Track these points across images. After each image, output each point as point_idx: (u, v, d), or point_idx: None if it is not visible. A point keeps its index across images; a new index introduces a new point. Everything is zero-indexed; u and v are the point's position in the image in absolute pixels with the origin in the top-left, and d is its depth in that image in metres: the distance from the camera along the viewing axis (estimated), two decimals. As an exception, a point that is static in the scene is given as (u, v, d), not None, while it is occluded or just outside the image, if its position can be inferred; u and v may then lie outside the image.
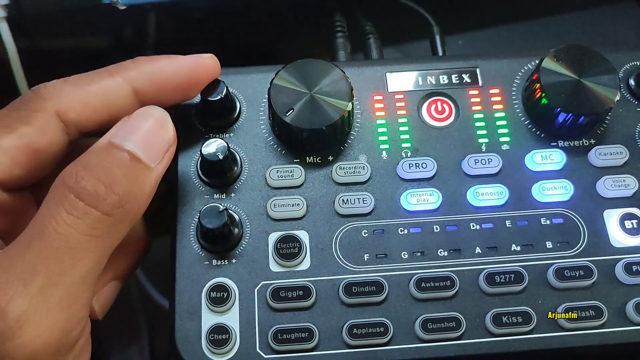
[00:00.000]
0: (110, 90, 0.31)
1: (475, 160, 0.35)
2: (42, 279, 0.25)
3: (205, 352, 0.31)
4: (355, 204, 0.34)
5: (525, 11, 0.47)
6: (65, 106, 0.30)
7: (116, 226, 0.28)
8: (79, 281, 0.27)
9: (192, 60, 0.33)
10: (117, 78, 0.31)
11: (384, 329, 0.32)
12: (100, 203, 0.27)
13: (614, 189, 0.35)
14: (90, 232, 0.27)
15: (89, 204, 0.26)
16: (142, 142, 0.29)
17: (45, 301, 0.25)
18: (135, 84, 0.31)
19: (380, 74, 0.38)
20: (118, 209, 0.27)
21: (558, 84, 0.35)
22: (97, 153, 0.28)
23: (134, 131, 0.29)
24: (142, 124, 0.29)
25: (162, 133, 0.30)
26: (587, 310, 0.32)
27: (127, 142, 0.28)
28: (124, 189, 0.27)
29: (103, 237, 0.27)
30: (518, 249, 0.34)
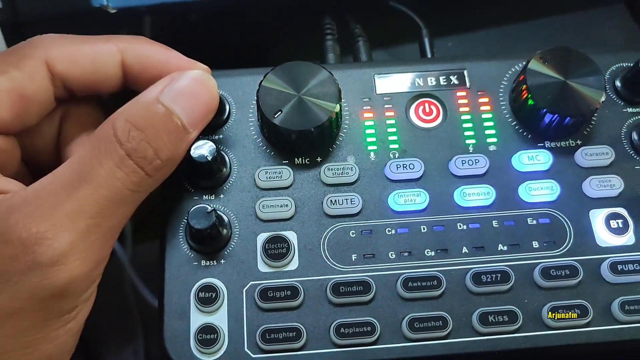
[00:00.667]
0: (101, 54, 0.32)
1: (463, 161, 0.36)
2: (88, 219, 0.28)
3: (194, 351, 0.32)
4: (343, 204, 0.35)
5: (515, 14, 0.48)
6: (55, 57, 0.31)
7: (152, 185, 0.30)
8: (115, 226, 0.29)
9: (186, 61, 0.33)
10: (111, 45, 0.32)
11: (371, 328, 0.32)
12: (147, 165, 0.29)
13: (600, 189, 0.35)
14: (133, 187, 0.29)
15: (137, 164, 0.29)
16: (188, 107, 0.30)
17: (87, 238, 0.28)
18: (126, 57, 0.32)
19: (369, 77, 0.38)
20: (159, 172, 0.30)
21: (544, 85, 0.35)
22: (147, 109, 0.30)
23: (181, 92, 0.31)
24: (189, 85, 0.31)
25: (205, 98, 0.32)
26: (573, 309, 0.33)
27: (175, 105, 0.30)
28: (167, 154, 0.30)
29: (140, 193, 0.30)
30: (505, 249, 0.34)
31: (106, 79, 0.32)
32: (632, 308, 0.33)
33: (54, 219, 0.27)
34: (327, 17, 0.43)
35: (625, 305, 0.33)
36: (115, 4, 0.39)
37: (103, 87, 0.33)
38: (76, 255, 0.27)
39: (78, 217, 0.27)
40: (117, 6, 0.39)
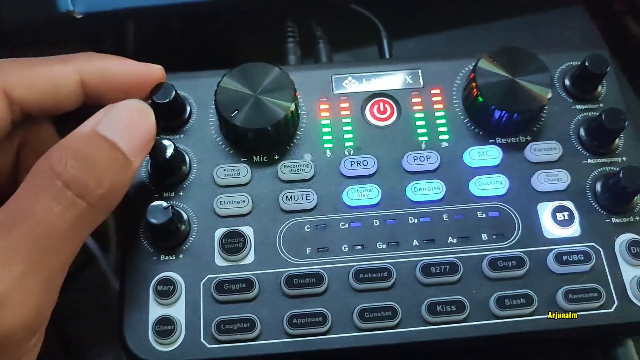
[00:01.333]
0: (59, 76, 0.31)
1: (415, 157, 0.37)
2: (24, 264, 0.26)
3: (151, 342, 0.33)
4: (298, 200, 0.36)
5: (476, 16, 0.49)
6: (12, 84, 0.30)
7: (97, 217, 0.29)
8: (58, 268, 0.27)
9: (141, 66, 0.34)
10: (67, 66, 0.32)
11: (323, 318, 0.33)
12: (89, 195, 0.27)
13: (548, 183, 0.36)
14: (75, 222, 0.27)
15: (78, 195, 0.27)
16: (125, 135, 0.29)
17: (25, 284, 0.26)
18: (84, 75, 0.32)
19: (326, 77, 0.39)
20: (103, 201, 0.28)
21: (493, 83, 0.36)
22: (83, 141, 0.28)
23: (118, 122, 0.30)
24: (126, 115, 0.30)
25: (144, 126, 0.31)
26: (519, 299, 0.34)
27: (111, 132, 0.29)
28: (110, 182, 0.28)
29: (85, 227, 0.28)
30: (454, 242, 0.35)
31: (66, 99, 0.32)
32: (575, 297, 0.34)
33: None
34: (289, 20, 0.44)
35: (569, 294, 0.34)
36: (82, 9, 0.40)
37: (62, 107, 0.33)
38: (13, 304, 0.25)
39: (12, 261, 0.25)
40: (83, 12, 0.40)
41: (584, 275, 0.35)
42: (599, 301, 0.34)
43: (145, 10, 0.41)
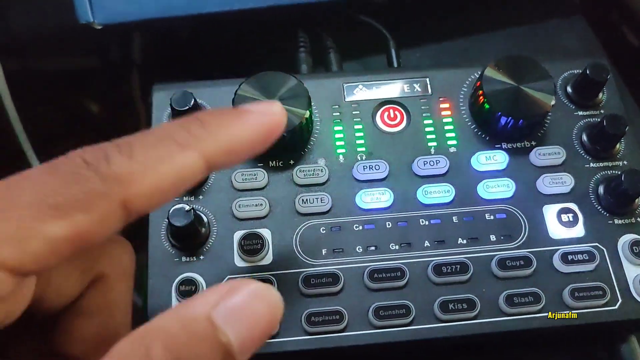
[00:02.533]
0: (184, 169, 0.24)
1: (425, 161, 0.38)
2: None
3: (174, 341, 0.34)
4: (314, 203, 0.37)
5: (479, 26, 0.51)
6: (135, 194, 0.23)
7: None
8: None
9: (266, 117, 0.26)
10: (191, 153, 0.24)
11: (340, 316, 0.35)
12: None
13: (552, 186, 0.38)
14: None
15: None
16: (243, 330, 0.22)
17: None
18: (209, 157, 0.24)
19: (338, 85, 0.41)
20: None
21: (499, 91, 0.38)
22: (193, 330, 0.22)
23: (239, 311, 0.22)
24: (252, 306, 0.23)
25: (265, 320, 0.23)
26: (527, 297, 0.35)
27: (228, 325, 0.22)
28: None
29: None
30: (464, 242, 0.37)
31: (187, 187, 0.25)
32: (581, 295, 0.35)
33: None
34: (300, 31, 0.46)
35: (575, 292, 0.35)
36: (101, 20, 0.42)
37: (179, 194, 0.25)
38: None
39: None
40: (102, 22, 0.42)
41: (588, 274, 0.36)
42: (603, 299, 0.35)
43: (164, 21, 0.43)
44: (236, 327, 0.22)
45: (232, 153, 0.26)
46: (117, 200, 0.22)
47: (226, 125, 0.25)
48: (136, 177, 0.23)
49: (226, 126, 0.25)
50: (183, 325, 0.22)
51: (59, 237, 0.21)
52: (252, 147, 0.26)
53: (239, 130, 0.26)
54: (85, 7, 0.41)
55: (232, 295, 0.23)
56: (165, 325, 0.22)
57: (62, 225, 0.21)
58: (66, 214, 0.21)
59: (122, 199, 0.22)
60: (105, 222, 0.22)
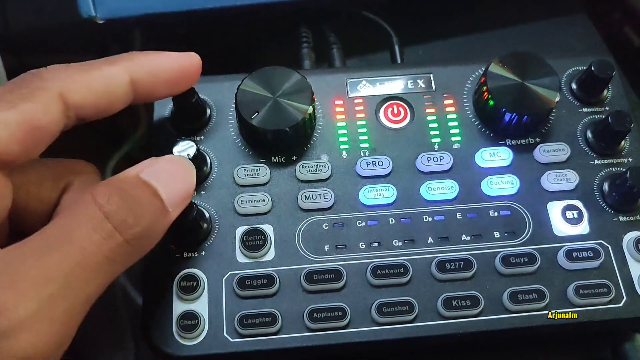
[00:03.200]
0: (111, 77, 0.32)
1: (428, 158, 0.38)
2: (55, 288, 0.26)
3: (175, 336, 0.34)
4: (316, 199, 0.37)
5: (482, 23, 0.50)
6: (69, 88, 0.30)
7: (130, 257, 0.29)
8: (85, 299, 0.27)
9: (181, 56, 0.35)
10: (117, 67, 0.32)
11: (343, 313, 0.34)
12: (126, 231, 0.28)
13: (557, 183, 0.38)
14: (110, 254, 0.27)
15: (116, 228, 0.27)
16: (167, 187, 0.30)
17: (52, 310, 0.25)
18: (134, 74, 0.32)
19: (341, 81, 0.41)
20: (138, 241, 0.28)
21: (503, 87, 0.38)
22: (127, 182, 0.29)
23: (161, 173, 0.30)
24: (170, 167, 0.31)
25: (185, 181, 0.32)
26: (531, 294, 0.35)
27: (155, 181, 0.30)
28: (147, 223, 0.29)
29: (117, 264, 0.28)
30: (468, 239, 0.37)
31: (118, 100, 0.32)
32: (586, 292, 0.35)
33: (17, 288, 0.25)
34: (303, 27, 0.46)
35: (580, 289, 0.35)
36: (103, 15, 0.42)
37: (114, 108, 0.33)
38: (34, 331, 0.25)
39: (44, 284, 0.25)
40: (104, 17, 0.42)
41: (593, 271, 0.36)
42: (608, 296, 0.35)
43: (166, 16, 0.42)
44: (161, 181, 0.30)
45: (153, 75, 0.33)
46: (55, 92, 0.29)
47: (148, 53, 0.34)
48: (71, 75, 0.30)
49: (148, 54, 0.33)
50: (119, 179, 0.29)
51: (11, 121, 0.28)
52: (170, 75, 0.34)
53: (158, 57, 0.34)
54: (87, 1, 0.41)
55: (153, 163, 0.31)
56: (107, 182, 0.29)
57: (12, 112, 0.28)
58: (15, 105, 0.28)
59: (59, 92, 0.30)
60: (47, 109, 0.29)
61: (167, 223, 0.30)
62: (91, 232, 0.27)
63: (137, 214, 0.28)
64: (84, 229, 0.27)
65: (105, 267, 0.27)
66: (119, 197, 0.28)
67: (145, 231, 0.29)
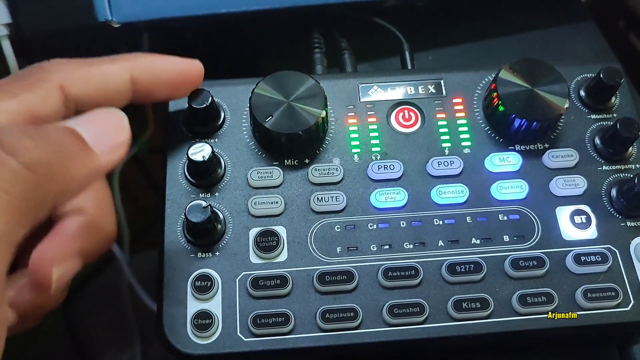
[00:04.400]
0: (111, 73, 0.33)
1: (439, 162, 0.39)
2: None
3: (190, 335, 0.34)
4: (329, 201, 0.38)
5: (491, 30, 0.51)
6: (69, 80, 0.32)
7: (35, 191, 0.24)
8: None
9: (184, 62, 0.36)
10: (118, 65, 0.34)
11: (354, 314, 0.35)
12: (22, 153, 0.24)
13: (565, 188, 0.38)
14: (4, 186, 0.23)
15: (7, 152, 0.24)
16: (91, 129, 0.28)
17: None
18: (134, 73, 0.34)
19: (353, 86, 0.41)
20: (42, 168, 0.24)
21: (513, 93, 0.38)
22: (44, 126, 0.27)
23: (87, 119, 0.29)
24: (95, 116, 0.29)
25: (114, 129, 0.29)
26: (540, 297, 0.35)
27: (76, 125, 0.28)
28: (55, 152, 0.25)
29: (19, 196, 0.24)
30: (478, 242, 0.37)
31: (116, 96, 0.34)
32: (594, 295, 0.35)
33: None
34: (315, 32, 0.46)
35: (587, 293, 0.35)
36: (119, 19, 0.42)
37: (113, 103, 0.33)
38: None
39: None
40: (120, 21, 0.42)
41: (601, 275, 0.36)
42: (616, 300, 0.35)
43: (180, 20, 0.43)
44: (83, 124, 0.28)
45: (153, 76, 0.34)
46: (56, 83, 0.31)
47: (150, 55, 0.35)
48: (71, 68, 0.32)
49: (150, 56, 0.35)
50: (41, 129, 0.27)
51: (13, 110, 0.29)
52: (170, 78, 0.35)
53: (159, 60, 0.35)
54: (104, 5, 0.42)
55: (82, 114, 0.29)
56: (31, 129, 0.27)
57: (14, 101, 0.29)
58: (17, 95, 0.30)
59: (59, 83, 0.31)
60: (47, 100, 0.31)
61: (92, 165, 0.27)
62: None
63: (39, 139, 0.25)
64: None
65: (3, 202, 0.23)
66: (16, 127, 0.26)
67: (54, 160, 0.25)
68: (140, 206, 0.75)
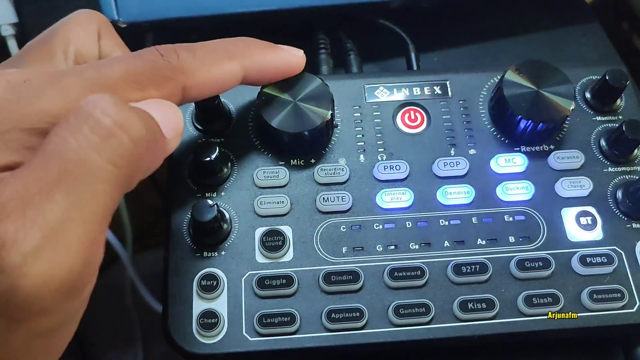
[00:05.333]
0: (228, 73, 0.32)
1: (445, 163, 0.39)
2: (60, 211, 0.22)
3: (195, 335, 0.34)
4: (334, 201, 0.38)
5: (496, 32, 0.51)
6: (192, 84, 0.30)
7: (137, 164, 0.25)
8: (99, 218, 0.24)
9: (290, 57, 0.36)
10: (235, 63, 0.32)
11: (360, 314, 0.35)
12: (130, 128, 0.24)
13: (571, 189, 0.38)
14: (113, 158, 0.24)
15: (119, 126, 0.24)
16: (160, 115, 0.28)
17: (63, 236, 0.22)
18: (247, 70, 0.33)
19: (359, 86, 0.41)
20: (144, 144, 0.25)
21: (519, 94, 0.38)
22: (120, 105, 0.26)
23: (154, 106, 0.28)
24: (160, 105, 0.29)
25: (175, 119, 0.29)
26: (546, 298, 0.35)
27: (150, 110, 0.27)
28: (153, 131, 0.26)
29: (124, 170, 0.24)
30: (483, 243, 0.37)
31: (224, 90, 0.33)
32: (599, 297, 0.35)
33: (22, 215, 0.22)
34: (321, 33, 0.47)
35: (593, 294, 0.35)
36: (126, 19, 0.42)
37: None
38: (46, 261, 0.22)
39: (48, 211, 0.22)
40: (127, 21, 0.42)
41: (606, 276, 0.36)
42: (621, 301, 0.35)
43: (186, 20, 0.43)
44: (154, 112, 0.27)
45: (263, 72, 0.34)
46: (180, 85, 0.30)
47: (263, 50, 0.34)
48: (195, 71, 0.30)
49: (263, 52, 0.34)
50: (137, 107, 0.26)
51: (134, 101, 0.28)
52: (277, 73, 0.36)
53: (271, 58, 0.34)
54: (110, 5, 0.42)
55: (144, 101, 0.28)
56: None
57: (139, 95, 0.28)
58: (144, 88, 0.28)
59: (183, 85, 0.30)
60: (169, 99, 0.29)
61: (165, 147, 0.29)
62: (87, 135, 0.23)
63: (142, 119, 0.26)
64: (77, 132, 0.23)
65: (111, 175, 0.24)
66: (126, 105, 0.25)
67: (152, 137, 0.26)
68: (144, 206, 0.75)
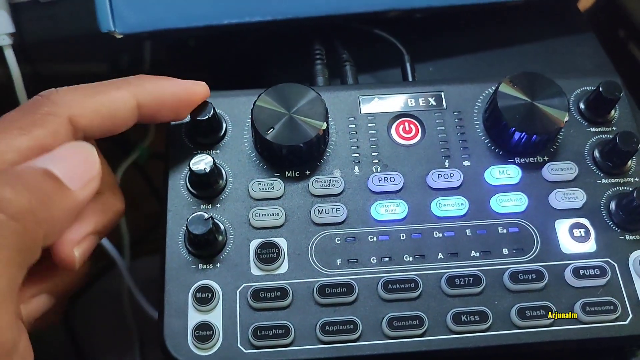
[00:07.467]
0: (118, 102, 0.33)
1: (439, 174, 0.39)
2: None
3: (190, 347, 0.35)
4: (329, 213, 0.38)
5: (491, 42, 0.51)
6: (77, 113, 0.32)
7: (26, 239, 0.26)
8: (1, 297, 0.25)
9: (188, 84, 0.37)
10: (124, 91, 0.34)
11: (354, 326, 0.35)
12: (6, 205, 0.25)
13: (565, 201, 0.38)
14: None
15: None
16: (64, 166, 0.29)
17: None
18: (140, 99, 0.34)
19: (354, 98, 0.41)
20: (28, 216, 0.26)
21: (513, 106, 0.39)
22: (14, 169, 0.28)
23: (57, 157, 0.30)
24: (66, 152, 0.30)
25: (86, 163, 0.31)
26: (539, 310, 0.36)
27: (47, 164, 0.29)
28: (36, 198, 0.27)
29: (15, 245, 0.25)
30: (477, 255, 0.37)
31: (123, 122, 0.34)
32: (592, 309, 0.36)
33: None
34: (316, 44, 0.47)
35: (586, 306, 0.36)
36: (122, 30, 0.42)
37: (119, 129, 0.35)
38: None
39: None
40: (123, 32, 0.43)
41: (599, 289, 0.37)
42: (614, 313, 0.36)
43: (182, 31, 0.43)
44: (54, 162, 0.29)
45: (158, 101, 0.35)
46: (63, 116, 0.31)
47: (155, 79, 0.35)
48: (79, 100, 0.32)
49: (155, 79, 0.35)
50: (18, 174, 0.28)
51: (24, 147, 0.29)
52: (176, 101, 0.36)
53: (165, 84, 0.35)
54: (107, 16, 0.42)
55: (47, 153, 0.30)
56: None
57: (25, 138, 0.30)
58: (28, 131, 0.30)
59: (68, 116, 0.31)
60: (58, 134, 0.31)
61: (72, 202, 0.29)
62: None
63: (19, 187, 0.26)
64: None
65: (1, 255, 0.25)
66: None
67: (36, 205, 0.27)
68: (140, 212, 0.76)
